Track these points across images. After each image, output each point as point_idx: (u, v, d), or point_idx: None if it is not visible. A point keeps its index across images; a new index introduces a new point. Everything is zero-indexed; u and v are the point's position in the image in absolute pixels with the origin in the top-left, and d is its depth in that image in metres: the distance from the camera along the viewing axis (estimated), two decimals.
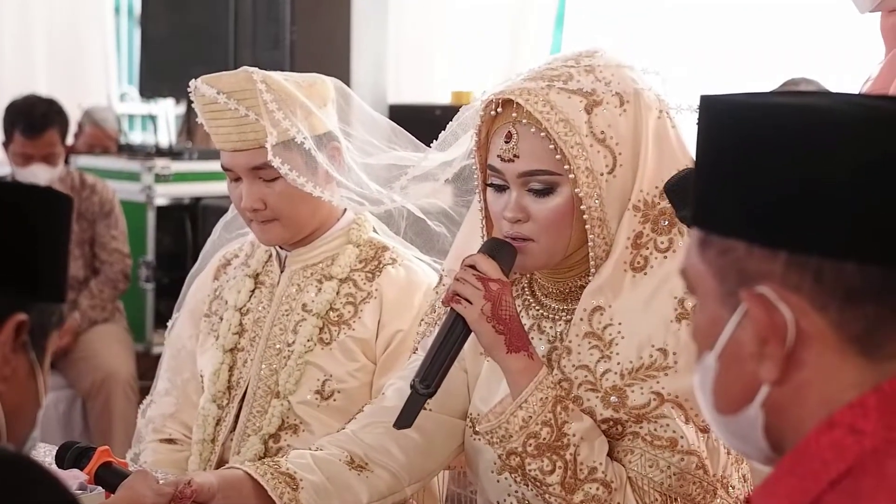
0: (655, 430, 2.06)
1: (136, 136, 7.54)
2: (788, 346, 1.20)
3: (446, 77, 5.77)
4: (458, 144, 2.34)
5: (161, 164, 5.64)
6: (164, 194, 5.69)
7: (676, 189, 1.92)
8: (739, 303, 1.23)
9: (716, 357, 1.26)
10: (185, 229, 5.76)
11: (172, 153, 5.83)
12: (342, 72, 4.94)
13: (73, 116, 5.87)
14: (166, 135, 6.42)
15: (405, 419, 2.06)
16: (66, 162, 5.42)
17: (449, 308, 2.08)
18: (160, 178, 5.59)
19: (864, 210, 1.18)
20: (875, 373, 1.20)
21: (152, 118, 6.47)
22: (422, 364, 2.06)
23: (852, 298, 1.18)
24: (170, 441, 2.81)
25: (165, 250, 5.69)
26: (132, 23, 8.28)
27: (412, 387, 2.05)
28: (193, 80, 2.59)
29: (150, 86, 6.33)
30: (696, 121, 1.31)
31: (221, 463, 2.66)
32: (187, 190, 5.77)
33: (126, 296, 5.32)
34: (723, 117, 1.27)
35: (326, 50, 5.18)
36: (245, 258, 2.80)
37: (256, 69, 2.56)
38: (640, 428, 2.07)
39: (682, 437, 2.05)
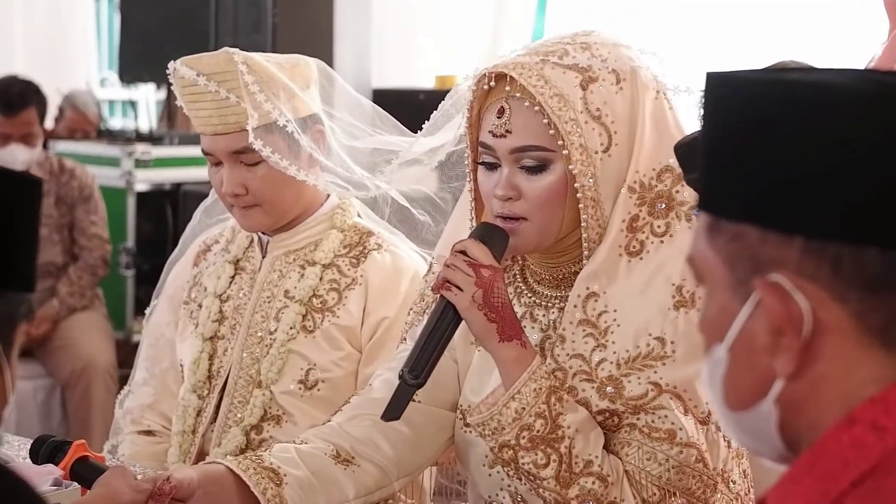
0: (653, 421, 1.99)
1: (117, 122, 7.47)
2: (805, 338, 1.13)
3: (430, 61, 5.69)
4: (447, 128, 2.27)
5: (141, 149, 5.57)
6: (144, 180, 5.62)
7: (686, 150, 1.84)
8: (752, 292, 1.15)
9: (726, 349, 1.18)
10: (165, 215, 5.68)
11: (153, 138, 5.76)
12: (325, 56, 4.83)
13: (53, 101, 5.82)
14: (147, 120, 6.33)
15: (393, 411, 1.99)
16: (45, 147, 5.35)
17: (439, 296, 2.00)
18: (140, 164, 5.53)
19: (884, 192, 1.10)
20: None
21: (132, 103, 6.38)
22: (410, 353, 1.99)
23: (873, 287, 1.11)
24: (148, 433, 2.74)
25: (146, 237, 5.61)
26: (112, 7, 8.20)
27: (401, 377, 1.98)
28: (172, 61, 2.52)
29: (130, 71, 6.27)
30: (702, 99, 1.23)
31: (202, 455, 2.59)
32: (168, 175, 5.68)
33: (106, 283, 5.25)
34: (732, 95, 1.19)
35: (309, 33, 5.09)
36: (225, 244, 2.72)
37: (237, 50, 2.49)
38: (638, 419, 2.00)
39: (680, 429, 1.98)
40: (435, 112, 2.28)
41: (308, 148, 2.49)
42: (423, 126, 2.33)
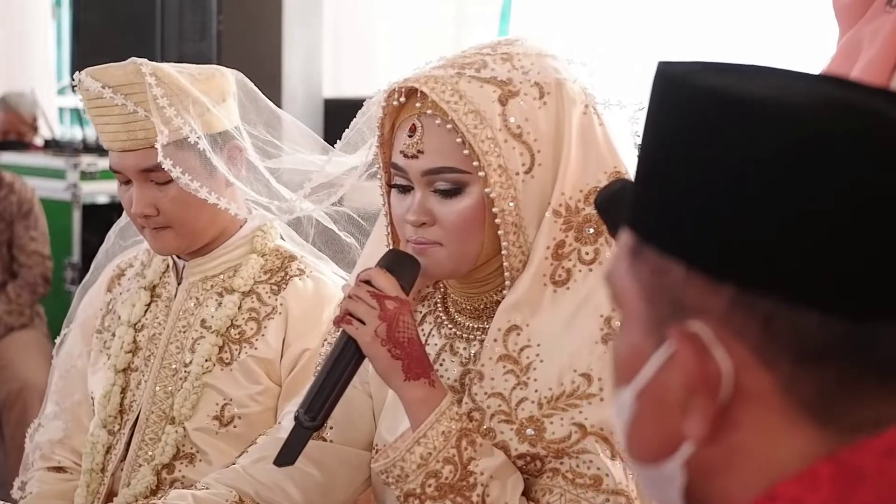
0: (577, 466, 1.82)
1: (77, 133, 7.33)
2: (721, 402, 0.95)
3: (387, 70, 5.52)
4: (364, 147, 2.10)
5: (87, 160, 5.43)
6: (90, 192, 5.45)
7: (608, 204, 1.64)
8: (667, 338, 0.98)
9: (633, 395, 1.01)
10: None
11: (100, 149, 5.58)
12: (273, 64, 4.71)
13: None
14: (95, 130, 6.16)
15: (287, 455, 1.82)
16: None
17: (341, 329, 1.84)
18: (86, 176, 5.38)
19: (835, 248, 0.91)
20: (831, 444, 0.95)
21: (79, 113, 6.21)
22: (308, 392, 1.83)
23: (808, 356, 0.93)
24: (58, 469, 2.56)
25: (92, 251, 5.36)
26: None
27: (296, 418, 1.82)
28: (77, 72, 2.35)
29: None
30: (649, 97, 1.03)
31: (111, 495, 2.42)
32: (115, 188, 5.48)
33: (50, 299, 5.11)
34: (672, 92, 0.99)
35: (256, 41, 4.91)
36: (140, 268, 2.55)
37: (146, 61, 2.32)
38: (561, 464, 1.83)
39: (607, 475, 1.81)
40: (347, 130, 2.12)
41: (221, 167, 2.32)
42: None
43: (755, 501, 0.95)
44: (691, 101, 0.97)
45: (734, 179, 0.93)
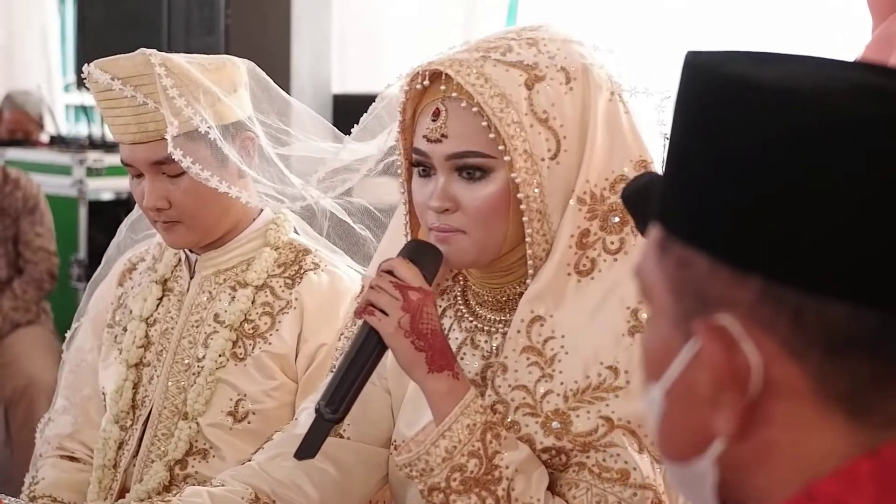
0: (604, 460, 1.78)
1: (83, 129, 7.30)
2: (751, 397, 0.91)
3: (396, 65, 5.48)
4: (383, 134, 2.06)
5: (93, 156, 5.39)
6: (96, 189, 5.40)
7: (635, 197, 1.59)
8: (695, 332, 0.94)
9: (662, 392, 0.97)
10: (119, 225, 5.44)
11: (106, 145, 5.55)
12: (281, 59, 4.66)
13: None
14: (101, 126, 6.13)
15: (307, 449, 1.77)
16: None
17: (362, 321, 1.80)
18: (92, 172, 5.34)
19: (865, 235, 0.87)
20: (866, 439, 0.91)
21: (85, 109, 6.17)
22: (328, 385, 1.79)
23: (839, 349, 0.89)
24: (71, 458, 2.52)
25: (98, 248, 5.32)
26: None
27: (317, 411, 1.77)
28: (86, 65, 2.31)
29: None
30: (678, 85, 1.00)
31: (124, 491, 2.38)
32: (122, 184, 5.42)
33: (56, 295, 5.07)
34: (700, 81, 0.96)
35: (264, 35, 4.86)
36: (152, 262, 2.51)
37: (155, 51, 2.27)
38: (587, 458, 1.79)
39: (634, 469, 1.77)
40: (364, 114, 2.07)
41: (233, 157, 2.28)
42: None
43: (793, 500, 0.91)
44: (716, 90, 0.94)
45: (759, 167, 0.90)
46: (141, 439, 2.39)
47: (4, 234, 4.86)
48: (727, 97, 0.92)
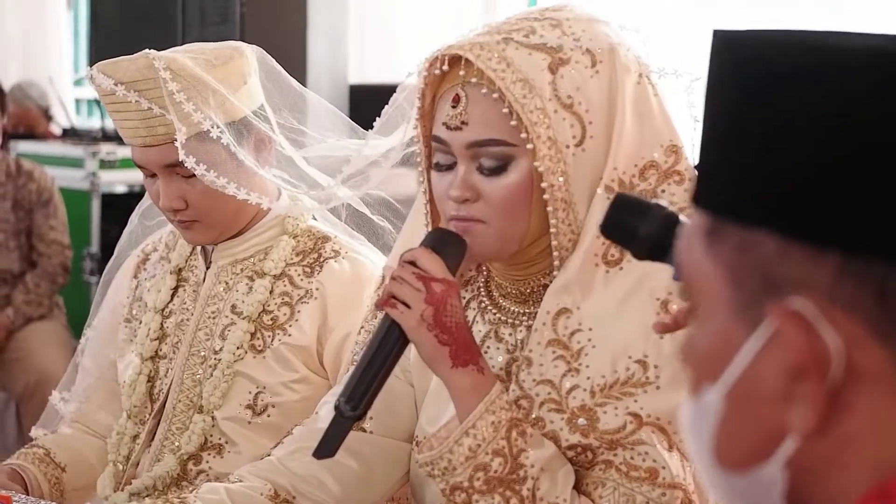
0: (632, 458, 1.72)
1: (95, 122, 7.27)
2: (832, 385, 0.84)
3: (414, 54, 5.42)
4: (403, 126, 1.99)
5: (106, 149, 5.35)
6: (109, 182, 5.35)
7: (614, 224, 1.51)
8: (762, 320, 0.86)
9: (723, 394, 0.89)
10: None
11: (119, 138, 5.46)
12: (297, 49, 4.60)
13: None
14: None
15: (327, 447, 1.71)
16: (4, 147, 5.09)
17: (383, 313, 1.74)
18: (105, 165, 5.29)
19: None
20: None
21: (98, 102, 6.13)
22: (348, 380, 1.72)
23: None
24: (86, 431, 2.50)
25: (111, 241, 5.28)
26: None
27: (337, 408, 1.71)
28: (94, 62, 2.24)
29: None
30: (709, 64, 0.94)
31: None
32: (135, 177, 5.36)
33: (68, 289, 5.02)
34: (750, 57, 0.89)
35: (279, 24, 4.81)
36: (165, 251, 2.45)
37: (158, 53, 2.19)
38: (614, 456, 1.73)
39: (663, 468, 1.71)
40: (386, 106, 2.00)
41: (248, 161, 2.21)
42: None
43: (865, 497, 0.84)
44: (770, 57, 0.87)
45: (830, 133, 0.83)
46: (154, 432, 2.33)
47: (18, 227, 4.81)
48: (786, 63, 0.86)
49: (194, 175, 2.21)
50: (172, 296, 2.40)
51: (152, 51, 2.20)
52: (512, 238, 1.77)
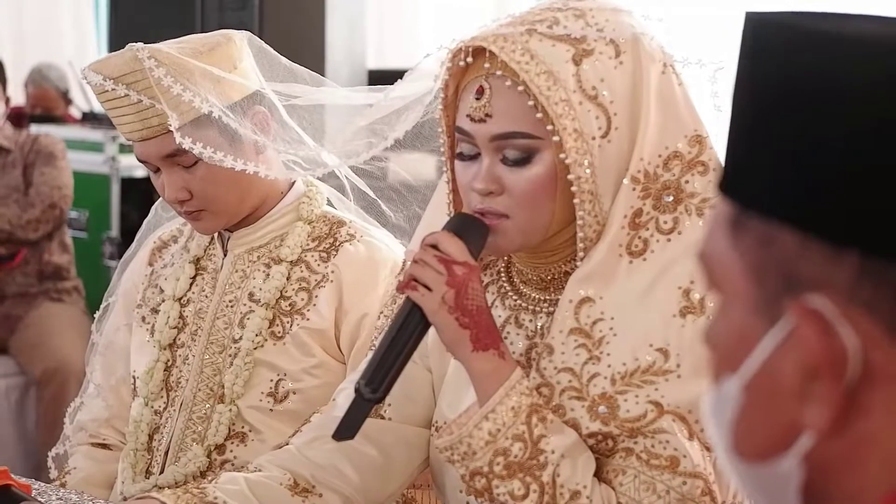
0: (653, 446, 1.71)
1: None
2: (848, 385, 0.83)
3: (433, 38, 5.39)
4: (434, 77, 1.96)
5: None
6: (128, 166, 5.33)
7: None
8: (781, 316, 0.85)
9: (741, 386, 0.89)
10: (152, 203, 5.37)
11: None
12: (315, 34, 4.57)
13: None
14: None
15: (347, 429, 1.70)
16: (24, 126, 5.06)
17: (404, 296, 1.74)
18: (125, 148, 5.24)
19: None
20: None
21: None
22: (369, 363, 1.72)
23: None
24: (103, 445, 2.49)
25: (131, 225, 5.29)
26: None
27: (357, 390, 1.71)
28: (82, 67, 2.27)
29: None
30: (741, 47, 0.92)
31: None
32: None
33: (89, 274, 4.98)
34: (776, 41, 0.88)
35: (297, 9, 4.77)
36: (185, 241, 2.46)
37: (142, 45, 2.20)
38: (635, 444, 1.72)
39: (684, 456, 1.70)
40: (399, 81, 1.98)
41: (244, 132, 2.21)
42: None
43: (885, 497, 0.84)
44: (803, 46, 0.86)
45: (857, 127, 0.82)
46: (175, 420, 2.33)
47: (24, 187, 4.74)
48: (820, 53, 0.85)
49: (194, 164, 2.24)
50: (191, 285, 2.41)
51: (137, 44, 2.21)
52: (535, 230, 1.77)
